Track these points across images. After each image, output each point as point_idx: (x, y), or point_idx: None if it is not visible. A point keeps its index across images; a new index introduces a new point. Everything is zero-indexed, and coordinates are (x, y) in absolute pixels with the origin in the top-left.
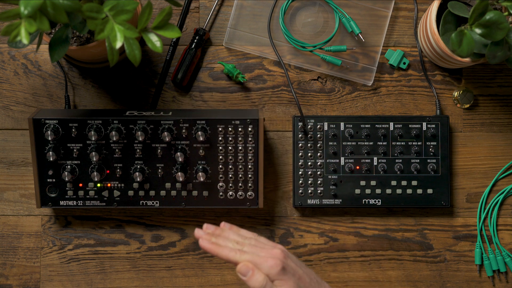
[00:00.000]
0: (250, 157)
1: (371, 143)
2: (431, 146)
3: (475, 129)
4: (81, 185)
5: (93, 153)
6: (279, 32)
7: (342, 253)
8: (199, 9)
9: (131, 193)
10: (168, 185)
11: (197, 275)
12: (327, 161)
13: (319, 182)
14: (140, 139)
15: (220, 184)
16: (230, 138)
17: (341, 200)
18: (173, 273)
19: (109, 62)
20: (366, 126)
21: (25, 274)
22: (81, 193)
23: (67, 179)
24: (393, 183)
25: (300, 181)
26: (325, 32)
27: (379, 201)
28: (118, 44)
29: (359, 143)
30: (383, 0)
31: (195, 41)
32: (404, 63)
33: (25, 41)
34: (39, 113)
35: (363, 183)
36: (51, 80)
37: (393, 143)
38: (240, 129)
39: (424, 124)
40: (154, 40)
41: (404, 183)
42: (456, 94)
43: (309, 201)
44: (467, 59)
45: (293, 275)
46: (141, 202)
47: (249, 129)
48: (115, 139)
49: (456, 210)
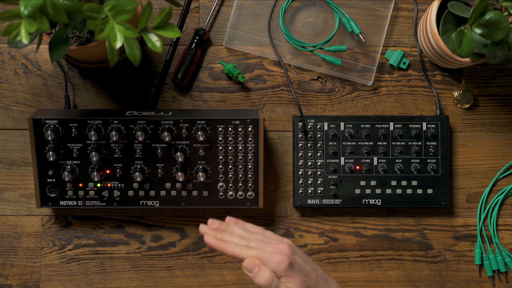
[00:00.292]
0: (250, 157)
1: (371, 143)
2: (431, 146)
3: (475, 129)
4: (81, 185)
5: (93, 153)
6: (279, 32)
7: (342, 253)
8: (199, 9)
9: (131, 193)
10: (168, 185)
11: (197, 275)
12: (327, 161)
13: (319, 182)
14: (140, 139)
15: (220, 184)
16: (230, 138)
17: (341, 200)
18: (173, 273)
19: (109, 62)
20: (366, 126)
21: (25, 274)
22: (81, 193)
23: (67, 179)
24: (393, 183)
25: (300, 181)
26: (325, 32)
27: (379, 201)
28: (118, 44)
29: (359, 143)
30: (383, 0)
31: (195, 41)
32: (404, 63)
33: (25, 41)
34: (39, 113)
35: (363, 183)
36: (51, 80)
37: (393, 143)
38: (240, 129)
39: (424, 124)
40: (154, 40)
41: (404, 183)
42: (456, 94)
43: (309, 201)
44: (467, 59)
45: (300, 271)
46: (141, 202)
47: (249, 129)
48: (115, 139)
49: (456, 210)
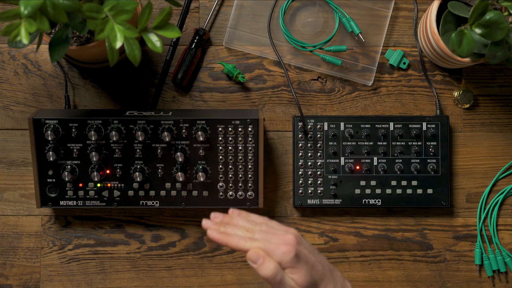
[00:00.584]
0: (250, 157)
1: (371, 143)
2: (431, 146)
3: (475, 129)
4: (81, 185)
5: (93, 153)
6: (279, 32)
7: (342, 253)
8: (199, 9)
9: (131, 193)
10: (168, 185)
11: (197, 275)
12: (327, 161)
13: (319, 182)
14: (140, 139)
15: (220, 184)
16: (230, 138)
17: (341, 200)
18: (173, 273)
19: (109, 62)
20: (366, 126)
21: (25, 274)
22: (81, 193)
23: (67, 179)
24: (393, 183)
25: (300, 181)
26: (325, 32)
27: (379, 201)
28: (118, 44)
29: (359, 143)
30: (383, 0)
31: (195, 41)
32: (404, 63)
33: (25, 41)
34: (39, 113)
35: (363, 183)
36: (51, 80)
37: (393, 143)
38: (240, 129)
39: (424, 124)
40: (154, 40)
41: (404, 183)
42: (456, 94)
43: (309, 201)
44: (467, 59)
45: (306, 262)
46: (141, 202)
47: (249, 129)
48: (115, 139)
49: (456, 210)
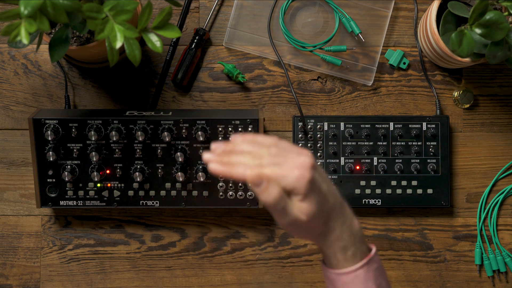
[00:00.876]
0: None
1: (371, 143)
2: (431, 146)
3: (475, 129)
4: (81, 185)
5: (93, 153)
6: (279, 32)
7: None
8: (199, 9)
9: (131, 193)
10: (168, 185)
11: (197, 275)
12: (327, 161)
13: None
14: (140, 139)
15: (220, 184)
16: (230, 138)
17: None
18: (173, 273)
19: (109, 62)
20: (366, 126)
21: (25, 274)
22: (81, 193)
23: (67, 179)
24: (393, 183)
25: None
26: (325, 32)
27: (379, 201)
28: (118, 44)
29: (359, 143)
30: (383, 0)
31: (195, 41)
32: (404, 63)
33: (25, 41)
34: (39, 113)
35: (363, 183)
36: (51, 80)
37: (393, 143)
38: (240, 129)
39: (424, 124)
40: (154, 40)
41: (404, 183)
42: (456, 94)
43: None
44: (467, 59)
45: (318, 193)
46: (141, 202)
47: (249, 129)
48: (115, 139)
49: (456, 210)
